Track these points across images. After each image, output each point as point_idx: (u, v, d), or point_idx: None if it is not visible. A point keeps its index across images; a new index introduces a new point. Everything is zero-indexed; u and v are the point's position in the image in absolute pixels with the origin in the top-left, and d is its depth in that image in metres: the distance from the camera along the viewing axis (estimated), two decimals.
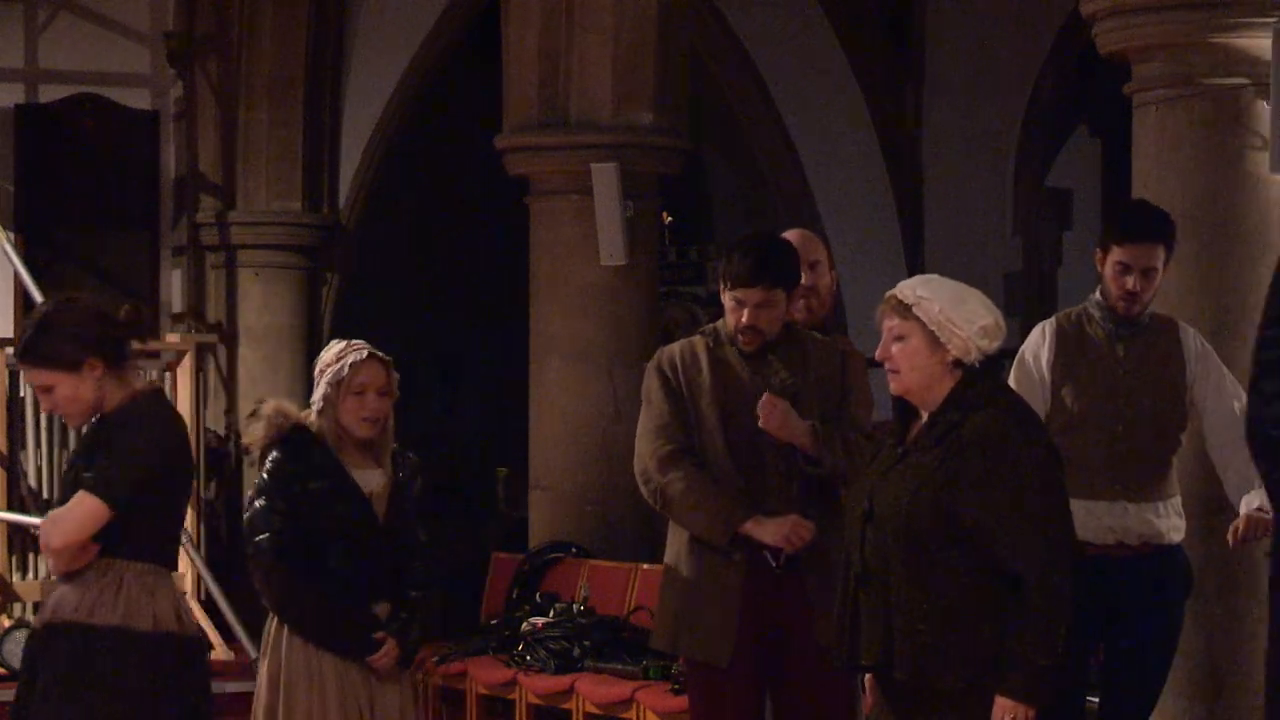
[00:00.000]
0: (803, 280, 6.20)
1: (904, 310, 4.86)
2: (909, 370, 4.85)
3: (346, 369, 6.05)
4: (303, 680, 6.00)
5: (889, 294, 4.92)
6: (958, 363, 4.83)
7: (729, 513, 5.87)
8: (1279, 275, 4.45)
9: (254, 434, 6.07)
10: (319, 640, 6.01)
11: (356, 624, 6.02)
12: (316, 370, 6.14)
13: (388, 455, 6.15)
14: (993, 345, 4.85)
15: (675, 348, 6.10)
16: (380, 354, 6.17)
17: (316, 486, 5.98)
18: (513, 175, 11.07)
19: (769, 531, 5.83)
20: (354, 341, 6.19)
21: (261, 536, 5.97)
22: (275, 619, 6.09)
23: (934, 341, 4.82)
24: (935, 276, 5.05)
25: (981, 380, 4.84)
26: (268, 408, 6.10)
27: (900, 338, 4.86)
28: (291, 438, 6.02)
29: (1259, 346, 4.44)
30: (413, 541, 6.13)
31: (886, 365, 4.89)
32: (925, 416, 4.87)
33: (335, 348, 6.15)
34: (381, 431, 6.13)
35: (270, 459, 6.02)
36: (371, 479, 6.07)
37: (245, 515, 6.05)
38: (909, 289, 4.88)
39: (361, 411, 6.05)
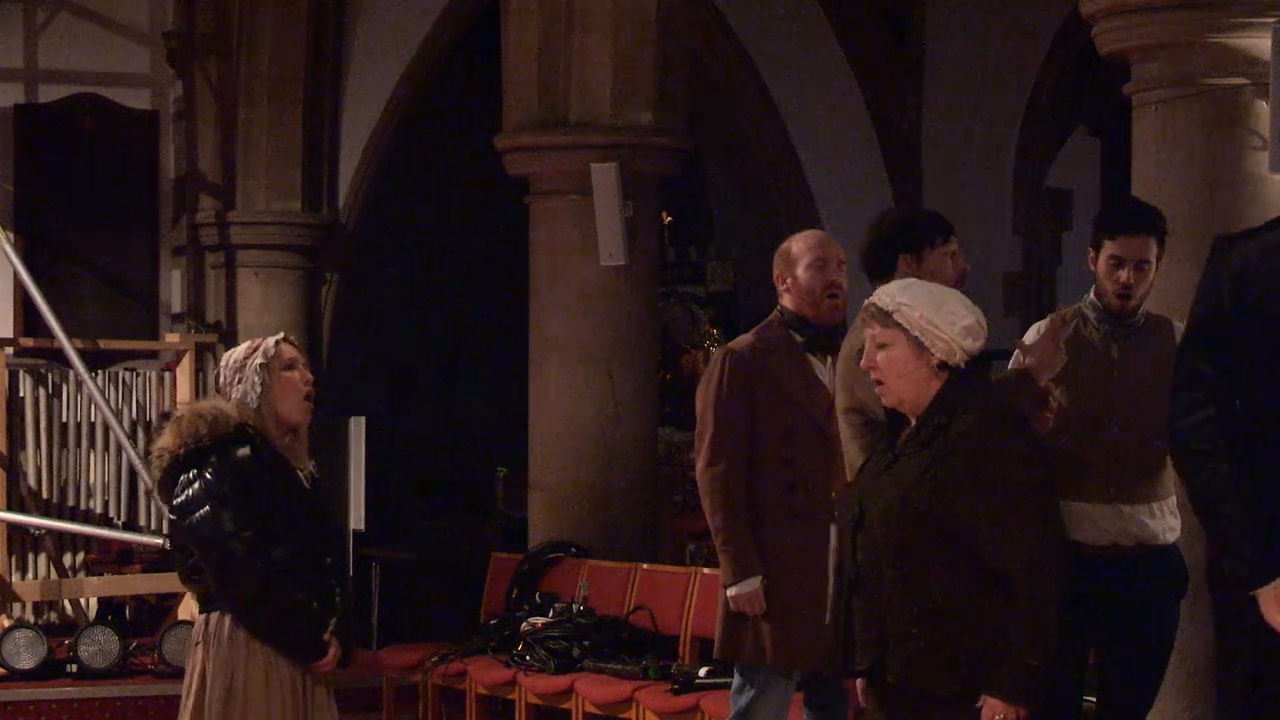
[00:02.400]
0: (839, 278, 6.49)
1: (884, 318, 4.84)
2: (895, 378, 4.84)
3: (273, 347, 5.94)
4: (260, 684, 5.87)
5: (867, 302, 4.92)
6: (943, 365, 4.82)
7: None
8: (1201, 289, 4.48)
9: (189, 434, 5.86)
10: (282, 643, 5.87)
11: (314, 625, 5.93)
12: (229, 373, 5.96)
13: (305, 453, 6.04)
14: (976, 345, 4.84)
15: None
16: (291, 339, 6.07)
17: (266, 483, 5.85)
18: (513, 175, 11.07)
19: None
20: (255, 339, 6.10)
21: (229, 541, 5.78)
22: (224, 618, 5.89)
23: (918, 346, 4.81)
24: (912, 280, 5.05)
25: (967, 382, 4.83)
26: (205, 408, 5.92)
27: (883, 345, 4.85)
28: (235, 437, 5.87)
29: (1180, 358, 4.47)
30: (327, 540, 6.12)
31: (872, 375, 4.88)
32: (914, 420, 4.87)
33: (240, 347, 6.02)
34: (305, 423, 6.04)
35: (215, 461, 5.83)
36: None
37: (189, 519, 5.83)
38: (887, 296, 4.87)
39: (301, 388, 5.92)
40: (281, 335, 6.05)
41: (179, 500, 5.87)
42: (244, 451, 5.85)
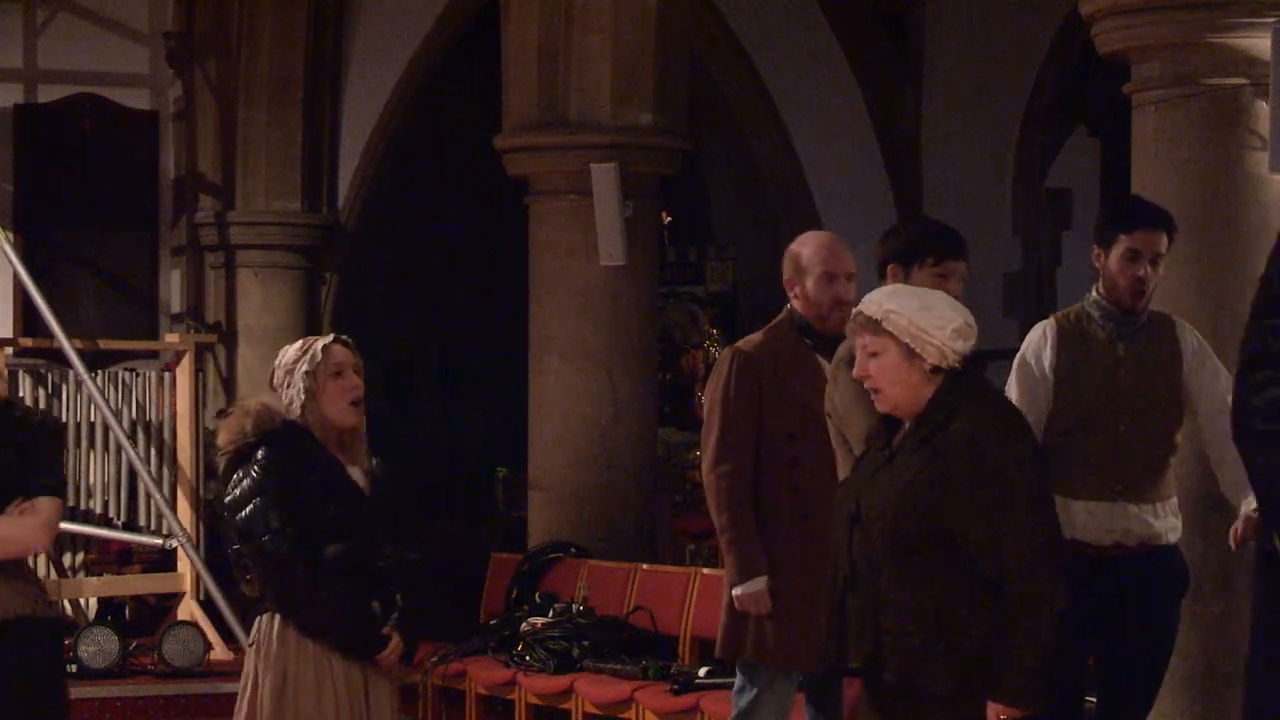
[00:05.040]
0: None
1: (874, 326, 4.85)
2: (890, 385, 4.85)
3: (320, 352, 5.94)
4: (311, 684, 5.85)
5: (856, 311, 4.92)
6: (936, 369, 4.82)
7: None
8: (1268, 272, 4.46)
9: (236, 431, 5.90)
10: (333, 641, 5.86)
11: (367, 622, 5.94)
12: (280, 374, 5.97)
13: (363, 452, 6.06)
14: (967, 345, 4.85)
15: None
16: (344, 338, 6.07)
17: (313, 481, 5.85)
18: (512, 175, 11.07)
19: None
20: (309, 337, 6.12)
21: (266, 538, 5.80)
22: (274, 619, 5.93)
23: (909, 353, 4.81)
24: (899, 286, 5.04)
25: (964, 382, 4.83)
26: (253, 404, 5.94)
27: (875, 354, 4.85)
28: (282, 434, 5.89)
29: (1246, 338, 4.44)
30: (387, 537, 6.09)
31: (867, 383, 4.89)
32: (910, 421, 4.86)
33: (293, 346, 6.03)
34: (360, 422, 6.04)
35: (262, 456, 5.84)
36: (355, 475, 6.00)
37: (238, 516, 5.85)
38: (875, 304, 4.87)
39: (347, 394, 5.91)
40: (333, 337, 6.02)
41: (229, 498, 5.91)
42: (290, 448, 5.86)
